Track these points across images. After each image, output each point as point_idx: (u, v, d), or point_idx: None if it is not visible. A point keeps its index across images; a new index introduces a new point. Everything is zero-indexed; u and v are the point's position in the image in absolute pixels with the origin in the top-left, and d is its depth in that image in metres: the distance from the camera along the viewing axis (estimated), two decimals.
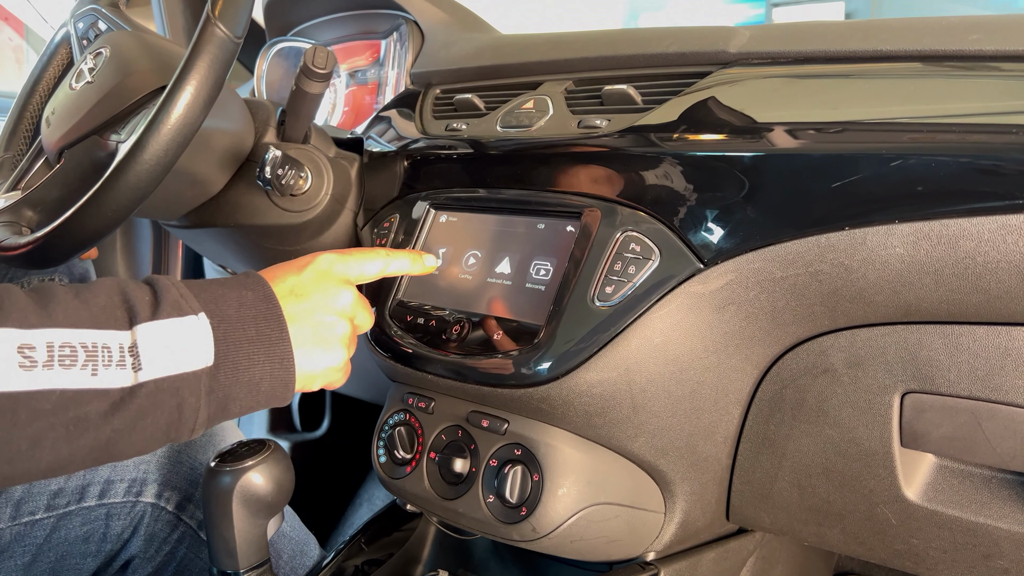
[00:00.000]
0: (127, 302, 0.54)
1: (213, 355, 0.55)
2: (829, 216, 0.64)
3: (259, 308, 0.59)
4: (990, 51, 0.63)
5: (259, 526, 0.67)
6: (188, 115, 0.69)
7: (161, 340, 0.53)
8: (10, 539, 0.80)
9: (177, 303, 0.55)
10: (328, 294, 0.65)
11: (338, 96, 1.18)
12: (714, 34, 0.77)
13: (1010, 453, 0.67)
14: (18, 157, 0.96)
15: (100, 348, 0.51)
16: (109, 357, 0.51)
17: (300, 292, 0.63)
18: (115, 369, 0.51)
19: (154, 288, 0.56)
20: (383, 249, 0.73)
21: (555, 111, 0.82)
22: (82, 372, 0.49)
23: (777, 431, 0.77)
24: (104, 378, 0.50)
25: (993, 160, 0.58)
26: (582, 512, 0.75)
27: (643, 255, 0.70)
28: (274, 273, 0.64)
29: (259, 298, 0.59)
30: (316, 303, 0.63)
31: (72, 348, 0.49)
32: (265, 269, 0.65)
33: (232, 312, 0.57)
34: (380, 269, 0.71)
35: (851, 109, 0.65)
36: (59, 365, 0.49)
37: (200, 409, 0.55)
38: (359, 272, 0.69)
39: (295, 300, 0.62)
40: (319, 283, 0.65)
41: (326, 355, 0.63)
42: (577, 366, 0.71)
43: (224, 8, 0.70)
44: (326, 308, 0.64)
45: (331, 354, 0.64)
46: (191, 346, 0.54)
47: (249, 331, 0.57)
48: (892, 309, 0.66)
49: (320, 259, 0.67)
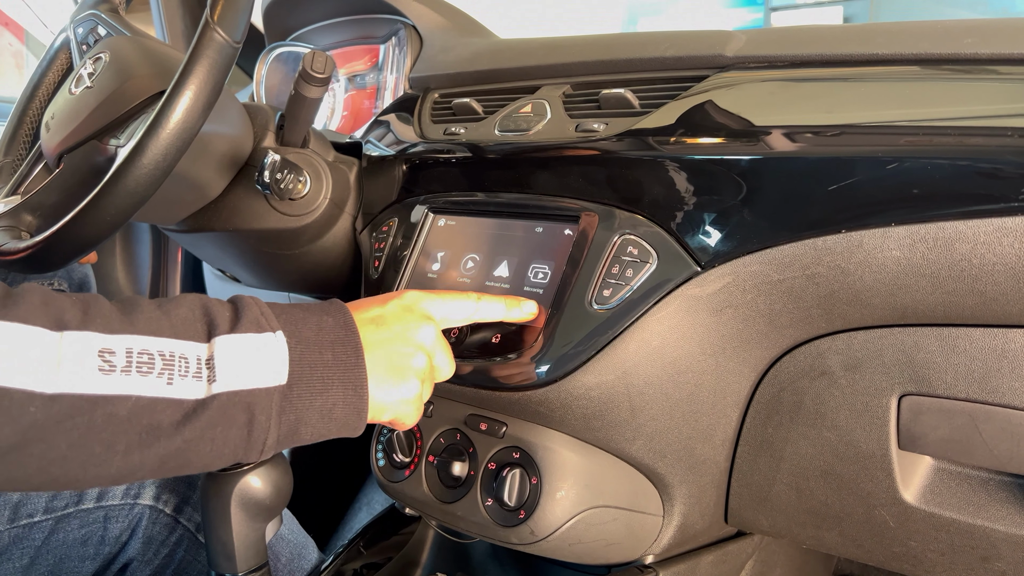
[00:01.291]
0: (208, 315, 0.54)
1: (287, 374, 0.55)
2: (825, 219, 0.64)
3: (338, 334, 0.58)
4: (985, 54, 0.63)
5: (257, 529, 0.67)
6: (187, 120, 0.69)
7: (236, 353, 0.53)
8: (8, 541, 0.81)
9: (257, 320, 0.55)
10: (409, 326, 0.63)
11: (337, 100, 1.18)
12: (711, 38, 0.77)
13: (1007, 455, 0.67)
14: (18, 162, 0.96)
15: (177, 358, 0.51)
16: (186, 367, 0.51)
17: (381, 322, 0.62)
18: (190, 380, 0.51)
19: (236, 305, 0.56)
20: (475, 294, 0.70)
21: (553, 115, 0.82)
22: (158, 380, 0.50)
23: (775, 434, 0.77)
24: (179, 388, 0.50)
25: (989, 163, 0.58)
26: (580, 515, 0.75)
27: (640, 258, 0.70)
28: (359, 303, 0.64)
29: (339, 324, 0.59)
30: (395, 333, 0.62)
31: (150, 355, 0.50)
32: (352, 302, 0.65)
33: (311, 335, 0.57)
34: (469, 315, 0.69)
35: (847, 113, 0.66)
36: (136, 372, 0.49)
37: (270, 429, 0.54)
38: (444, 313, 0.67)
39: (374, 328, 0.62)
40: (401, 315, 0.64)
41: (399, 386, 0.61)
42: (575, 369, 0.71)
43: (223, 13, 0.70)
44: (404, 339, 0.63)
45: (404, 385, 0.62)
46: (265, 362, 0.54)
47: (326, 355, 0.57)
48: (889, 311, 0.66)
49: (407, 294, 0.66)
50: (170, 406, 0.50)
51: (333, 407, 0.57)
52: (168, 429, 0.50)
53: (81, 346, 0.47)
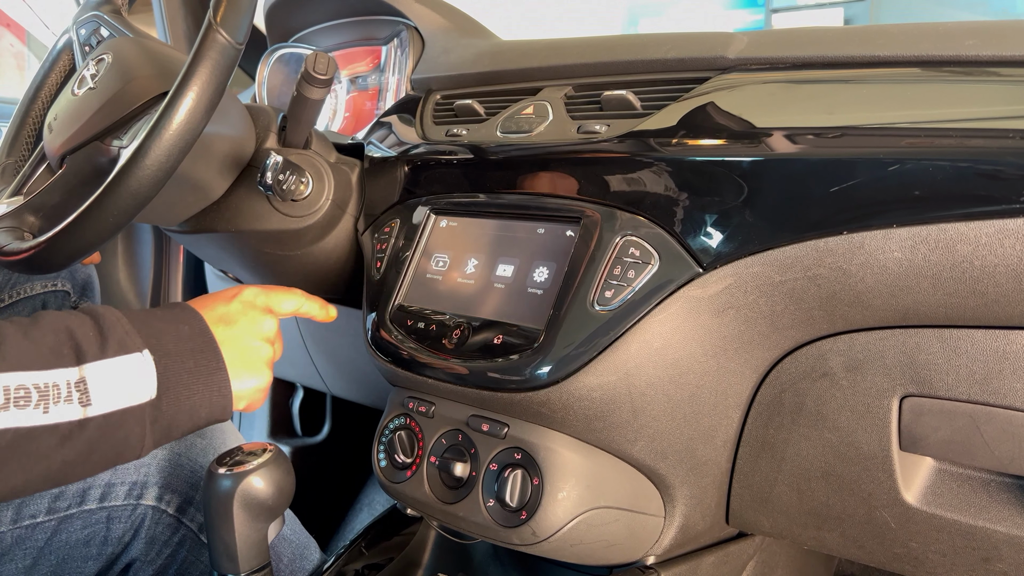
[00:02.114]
0: (73, 340, 0.57)
1: (156, 389, 0.59)
2: (827, 220, 0.64)
3: (196, 341, 0.64)
4: (986, 56, 0.63)
5: (260, 530, 0.67)
6: (190, 121, 0.69)
7: (109, 377, 0.57)
8: (11, 542, 0.81)
9: (122, 341, 0.59)
10: (254, 321, 0.70)
11: (339, 102, 1.18)
12: (713, 40, 0.77)
13: (1008, 456, 0.67)
14: (20, 163, 0.96)
15: (51, 387, 0.55)
16: (58, 394, 0.55)
17: (229, 320, 0.69)
18: (63, 405, 0.55)
19: (99, 324, 0.60)
20: (299, 291, 0.79)
21: (555, 116, 0.82)
22: (35, 411, 0.53)
23: (776, 435, 0.77)
24: (54, 414, 0.54)
25: (990, 164, 0.58)
26: (582, 516, 0.75)
27: (642, 259, 0.70)
28: (204, 303, 0.70)
29: (195, 332, 0.64)
30: (243, 329, 0.69)
31: (26, 389, 0.53)
32: (195, 299, 0.71)
33: (171, 346, 0.62)
34: (295, 307, 0.77)
35: (848, 114, 0.66)
36: (15, 406, 0.53)
37: (145, 437, 0.59)
38: (278, 305, 0.75)
39: (224, 327, 0.68)
40: (246, 312, 0.71)
41: (253, 377, 0.68)
42: (577, 370, 0.71)
43: (226, 14, 0.71)
44: (252, 334, 0.69)
45: (257, 376, 0.69)
46: (137, 382, 0.58)
47: (188, 363, 0.62)
48: (890, 313, 0.66)
49: (247, 291, 0.73)
50: (47, 432, 0.54)
51: (199, 408, 0.63)
52: (47, 452, 0.54)
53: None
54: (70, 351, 0.57)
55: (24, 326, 0.57)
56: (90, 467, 0.58)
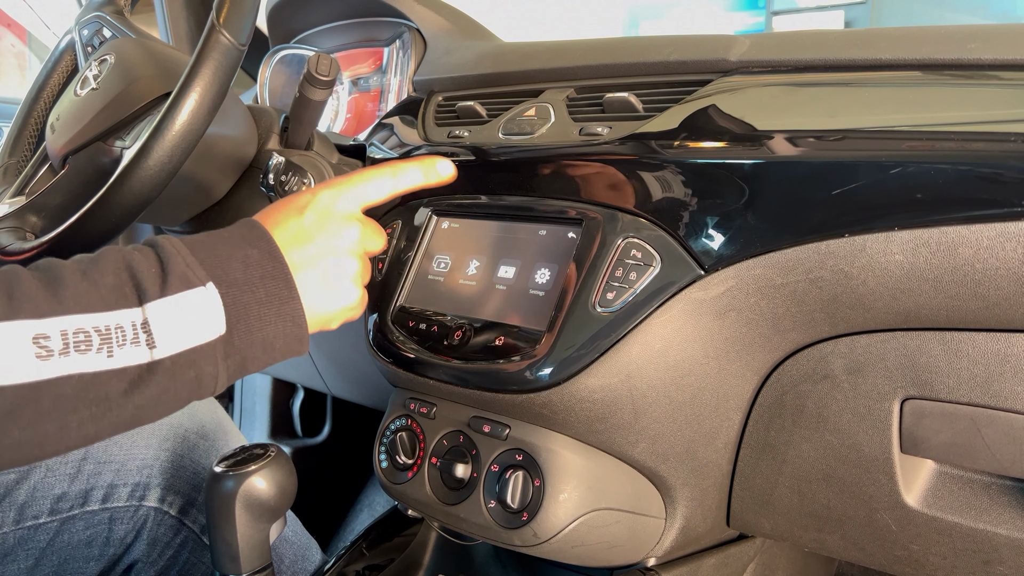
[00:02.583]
0: (134, 278, 0.53)
1: (225, 323, 0.55)
2: (829, 223, 0.64)
3: (265, 267, 0.58)
4: (988, 60, 0.64)
5: (262, 530, 0.68)
6: (193, 121, 0.70)
7: (172, 317, 0.53)
8: (14, 543, 0.81)
9: (184, 275, 0.54)
10: (333, 235, 0.63)
11: (340, 103, 1.19)
12: (715, 42, 0.77)
13: (1009, 459, 0.67)
14: (22, 163, 0.97)
15: (113, 329, 0.51)
16: (123, 336, 0.51)
17: (304, 237, 0.62)
18: (129, 347, 0.51)
19: (160, 257, 0.55)
20: (388, 167, 0.68)
21: (557, 118, 0.82)
22: (98, 355, 0.49)
23: (777, 437, 0.78)
24: (120, 357, 0.50)
25: (991, 168, 0.58)
26: (583, 517, 0.75)
27: (644, 261, 0.70)
28: (275, 218, 0.62)
29: (264, 255, 0.58)
30: (321, 248, 0.62)
31: (86, 333, 0.49)
32: (263, 212, 0.64)
33: (239, 275, 0.57)
34: (389, 191, 0.68)
35: (850, 117, 0.66)
36: (75, 351, 0.49)
37: (219, 374, 0.55)
38: (363, 202, 0.66)
39: (299, 247, 0.61)
40: (323, 224, 0.63)
41: (338, 297, 0.63)
42: (578, 372, 0.71)
43: (229, 15, 0.71)
44: (332, 250, 0.63)
45: (343, 295, 0.64)
46: (203, 319, 0.54)
47: (258, 292, 0.57)
48: (892, 315, 0.67)
49: (320, 196, 0.64)
50: (114, 376, 0.50)
51: (274, 340, 0.58)
52: (118, 398, 0.50)
53: (14, 336, 0.47)
54: (131, 290, 0.53)
55: (84, 264, 0.53)
56: (163, 409, 0.54)
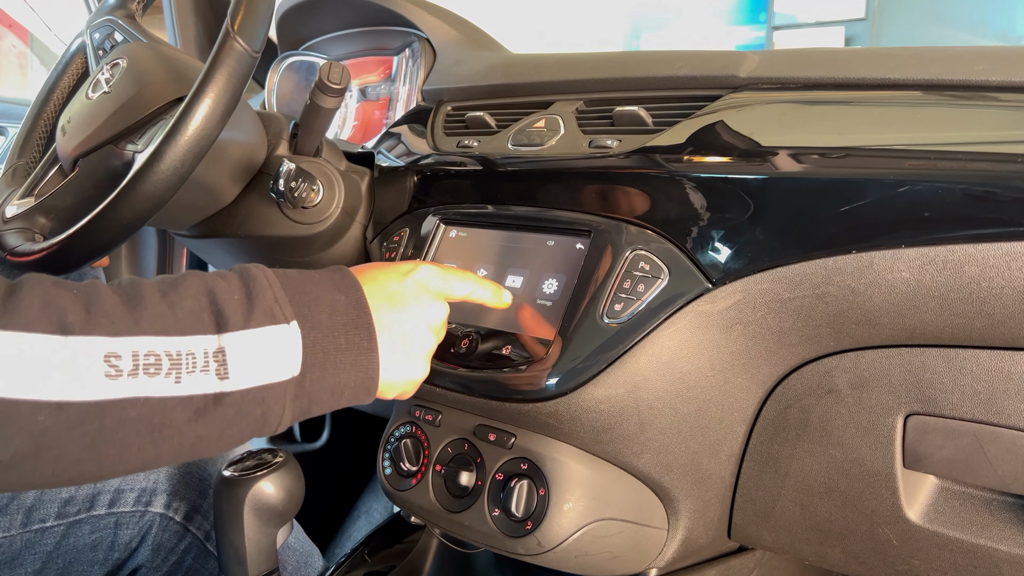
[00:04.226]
0: (215, 305, 0.53)
1: (300, 365, 0.54)
2: (836, 239, 0.65)
3: (350, 316, 0.58)
4: (996, 82, 0.64)
5: (269, 535, 0.68)
6: (206, 126, 0.70)
7: (251, 350, 0.52)
8: (21, 546, 0.81)
9: (271, 310, 0.54)
10: (424, 308, 0.64)
11: (349, 111, 1.19)
12: (724, 59, 0.78)
13: (1011, 476, 0.67)
14: (31, 164, 0.97)
15: (184, 355, 0.50)
16: (193, 363, 0.50)
17: (397, 301, 0.62)
18: (199, 375, 0.50)
19: (247, 287, 0.55)
20: (473, 275, 0.72)
21: (566, 130, 0.83)
22: (166, 380, 0.49)
23: (781, 450, 0.78)
24: (187, 385, 0.50)
25: (998, 188, 0.59)
26: (587, 527, 0.76)
27: (652, 274, 0.71)
28: (371, 273, 0.63)
29: (351, 304, 0.58)
30: (412, 314, 0.63)
31: (157, 356, 0.49)
32: (361, 266, 0.65)
33: (324, 318, 0.56)
34: (467, 293, 0.70)
35: (859, 135, 0.67)
36: (144, 374, 0.48)
37: (284, 414, 0.55)
38: (451, 290, 0.68)
39: (390, 307, 0.62)
40: (418, 294, 0.64)
41: (410, 367, 0.62)
42: (585, 382, 0.71)
43: (243, 22, 0.71)
44: (419, 320, 0.63)
45: (415, 366, 0.63)
46: (280, 358, 0.53)
47: (339, 339, 0.57)
48: (897, 332, 0.67)
49: (421, 270, 0.66)
50: (180, 404, 0.49)
51: (344, 389, 0.57)
52: (181, 426, 0.50)
53: (86, 352, 0.47)
54: (210, 317, 0.52)
55: (165, 286, 0.53)
56: (224, 444, 0.53)
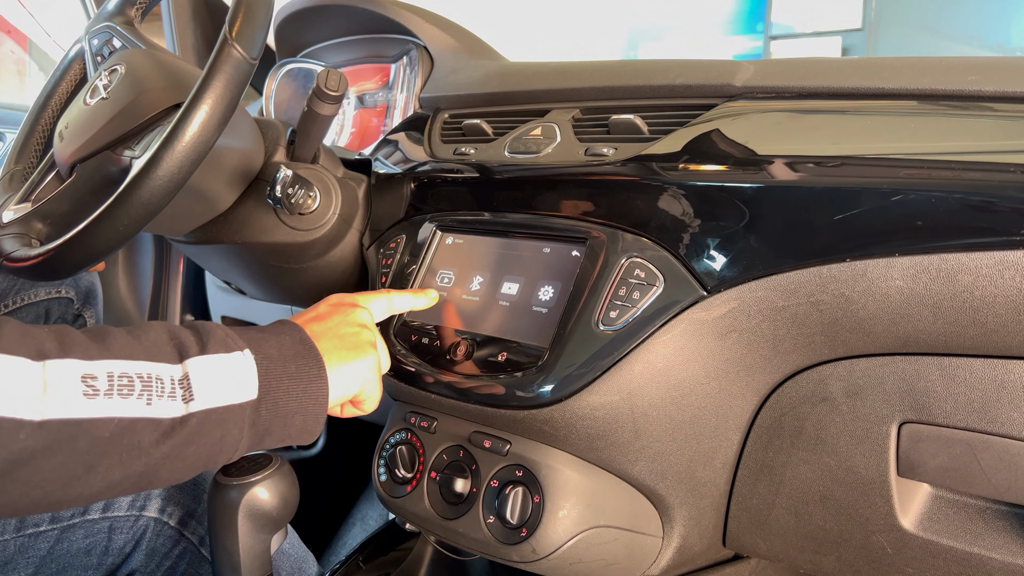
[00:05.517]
0: (176, 339, 0.57)
1: (257, 389, 0.58)
2: (831, 248, 0.65)
3: (297, 348, 0.63)
4: (989, 92, 0.65)
5: (263, 541, 0.68)
6: (203, 133, 0.70)
7: (211, 373, 0.56)
8: (14, 551, 0.80)
9: (224, 341, 0.58)
10: (346, 313, 0.70)
11: (346, 118, 1.19)
12: (720, 68, 0.79)
13: (1005, 484, 0.68)
14: (29, 169, 0.97)
15: (154, 379, 0.53)
16: (162, 388, 0.53)
17: (320, 318, 0.69)
18: (166, 400, 0.53)
19: (199, 329, 0.59)
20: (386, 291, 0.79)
21: (562, 138, 0.83)
22: (138, 401, 0.52)
23: (775, 458, 0.78)
24: (157, 408, 0.53)
25: (991, 197, 0.59)
26: (582, 534, 0.75)
27: (647, 281, 0.71)
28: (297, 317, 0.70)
29: (295, 340, 0.63)
30: (337, 320, 0.69)
31: (129, 378, 0.52)
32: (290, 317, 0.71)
33: (273, 351, 0.61)
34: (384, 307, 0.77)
35: (853, 144, 0.67)
36: (118, 394, 0.51)
37: (242, 440, 0.58)
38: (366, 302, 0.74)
39: (318, 323, 0.68)
40: (335, 308, 0.71)
41: (357, 358, 0.67)
42: (580, 389, 0.72)
43: (241, 30, 0.72)
44: (347, 322, 0.69)
45: (362, 356, 0.67)
46: (239, 379, 0.57)
47: (290, 367, 0.61)
48: (891, 340, 0.67)
49: (332, 296, 0.74)
50: (149, 425, 0.52)
51: (294, 416, 0.61)
52: (148, 447, 0.52)
53: (64, 373, 0.49)
54: (172, 349, 0.56)
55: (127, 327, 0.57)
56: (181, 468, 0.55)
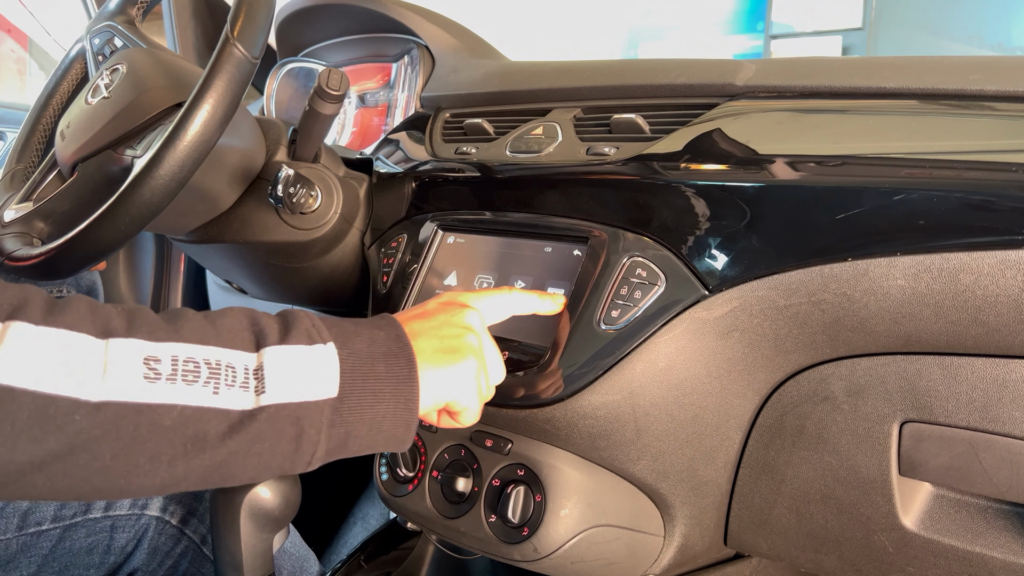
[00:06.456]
0: (256, 326, 0.53)
1: (338, 387, 0.54)
2: (832, 247, 0.65)
3: (390, 346, 0.58)
4: (990, 91, 0.65)
5: (265, 540, 0.68)
6: (204, 132, 0.70)
7: (287, 365, 0.52)
8: (16, 549, 0.81)
9: (308, 332, 0.54)
10: (452, 312, 0.64)
11: (347, 117, 1.19)
12: (721, 67, 0.79)
13: (1006, 483, 0.68)
14: (30, 168, 0.97)
15: (224, 367, 0.50)
16: (233, 377, 0.50)
17: (425, 315, 0.63)
18: (237, 389, 0.50)
19: (286, 318, 0.56)
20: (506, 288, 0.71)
21: (564, 138, 0.83)
22: (204, 389, 0.49)
23: (777, 457, 0.78)
24: (225, 398, 0.49)
25: (993, 196, 0.59)
26: (583, 533, 0.76)
27: (649, 280, 0.71)
28: (403, 312, 0.65)
29: (390, 337, 0.58)
30: (441, 320, 0.63)
31: (196, 364, 0.49)
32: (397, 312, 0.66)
33: (363, 347, 0.56)
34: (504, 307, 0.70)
35: (855, 143, 0.67)
36: (182, 380, 0.48)
37: (320, 442, 0.53)
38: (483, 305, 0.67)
39: (420, 321, 0.62)
40: (444, 307, 0.65)
41: (454, 365, 0.60)
42: (582, 388, 0.72)
43: (243, 29, 0.72)
44: (451, 323, 0.63)
45: (460, 364, 0.61)
46: (317, 374, 0.53)
47: (378, 367, 0.56)
48: (892, 339, 0.67)
49: (445, 294, 0.68)
50: (216, 416, 0.49)
51: (383, 420, 0.56)
52: (214, 440, 0.49)
53: (126, 353, 0.47)
54: (251, 335, 0.52)
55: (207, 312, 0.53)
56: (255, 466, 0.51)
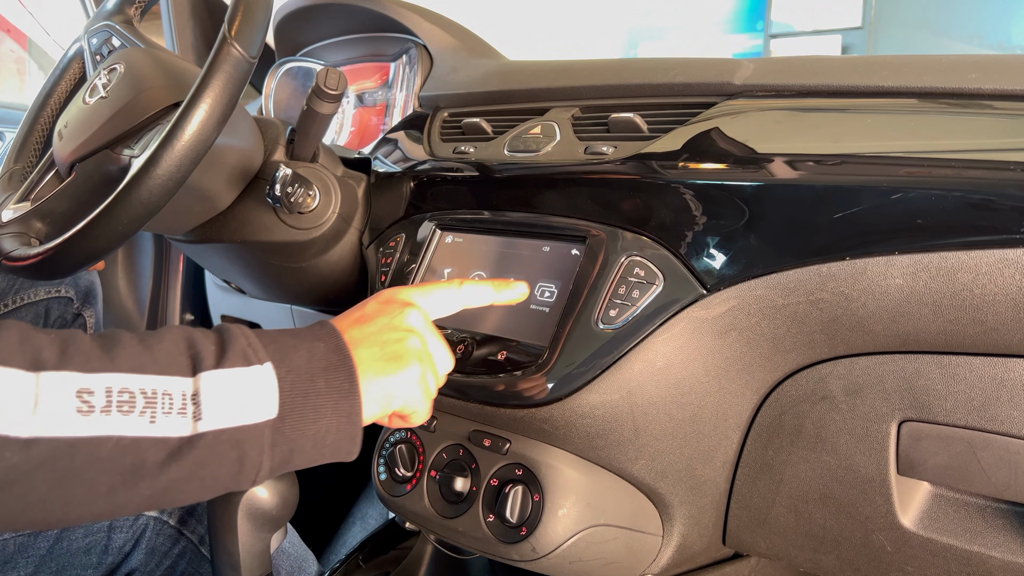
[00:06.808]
0: (192, 348, 0.52)
1: (278, 407, 0.53)
2: (830, 246, 0.65)
3: (330, 359, 0.56)
4: (989, 90, 0.65)
5: (263, 540, 0.68)
6: (202, 131, 0.70)
7: (224, 389, 0.51)
8: (14, 549, 0.80)
9: (244, 352, 0.53)
10: (393, 315, 0.62)
11: (345, 117, 1.19)
12: (719, 66, 0.79)
13: (1005, 483, 0.67)
14: (28, 168, 0.97)
15: (160, 395, 0.49)
16: (170, 404, 0.49)
17: (363, 320, 0.61)
18: (175, 417, 0.49)
19: (222, 336, 0.55)
20: (456, 280, 0.69)
21: (562, 137, 0.83)
22: (140, 419, 0.48)
23: (775, 456, 0.78)
24: (163, 426, 0.49)
25: (991, 195, 0.59)
26: (582, 533, 0.76)
27: (647, 280, 0.71)
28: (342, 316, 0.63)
29: (331, 349, 0.57)
30: (380, 325, 0.61)
31: (131, 393, 0.48)
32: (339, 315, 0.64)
33: (302, 362, 0.55)
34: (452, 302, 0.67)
35: (853, 143, 0.67)
36: (117, 411, 0.47)
37: (263, 463, 0.53)
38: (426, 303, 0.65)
39: (360, 327, 0.60)
40: (382, 308, 0.63)
41: (397, 372, 0.59)
42: (580, 388, 0.72)
43: (241, 28, 0.72)
44: (391, 327, 0.61)
45: (403, 370, 0.59)
46: (255, 397, 0.52)
47: (319, 383, 0.55)
48: (891, 338, 0.67)
49: (384, 291, 0.65)
50: (153, 445, 0.48)
51: (326, 435, 0.55)
52: (152, 468, 0.48)
53: (58, 387, 0.46)
54: (187, 360, 0.51)
55: (144, 334, 0.52)
56: (197, 487, 0.51)
